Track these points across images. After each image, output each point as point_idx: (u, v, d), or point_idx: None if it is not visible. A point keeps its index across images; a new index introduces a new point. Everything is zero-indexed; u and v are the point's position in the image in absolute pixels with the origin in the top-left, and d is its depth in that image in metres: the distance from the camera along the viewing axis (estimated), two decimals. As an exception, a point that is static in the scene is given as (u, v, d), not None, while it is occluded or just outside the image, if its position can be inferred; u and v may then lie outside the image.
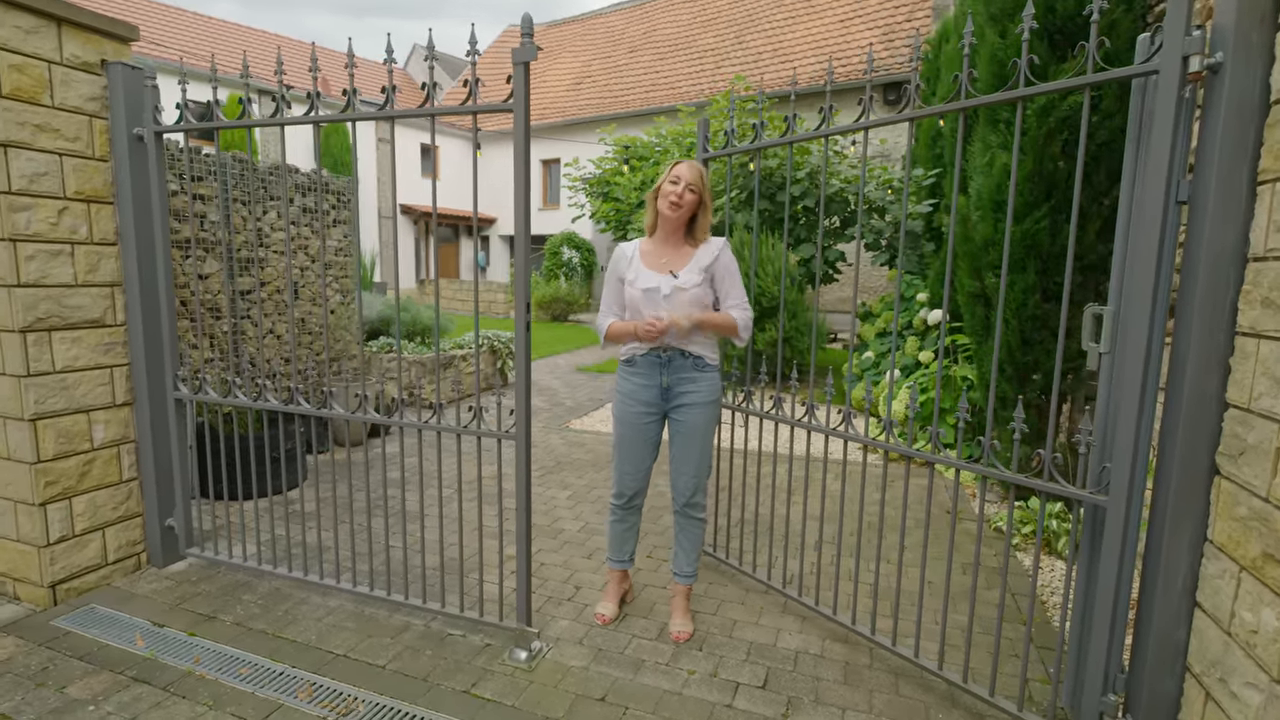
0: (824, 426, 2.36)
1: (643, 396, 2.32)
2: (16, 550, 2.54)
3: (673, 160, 2.29)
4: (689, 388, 2.30)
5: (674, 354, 2.28)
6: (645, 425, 2.35)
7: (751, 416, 2.66)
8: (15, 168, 2.33)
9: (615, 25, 20.33)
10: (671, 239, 2.33)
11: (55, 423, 2.48)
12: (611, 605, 2.54)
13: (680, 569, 2.47)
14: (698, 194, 2.26)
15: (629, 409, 2.35)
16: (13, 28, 2.29)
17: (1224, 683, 1.43)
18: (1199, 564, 1.57)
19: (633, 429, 2.35)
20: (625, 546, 2.52)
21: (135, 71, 2.58)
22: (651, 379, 2.31)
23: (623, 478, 2.42)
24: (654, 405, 2.33)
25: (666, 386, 2.31)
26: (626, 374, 2.36)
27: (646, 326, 2.18)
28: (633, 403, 2.34)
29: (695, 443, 2.32)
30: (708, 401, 2.31)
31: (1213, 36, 1.49)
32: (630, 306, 2.31)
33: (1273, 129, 1.39)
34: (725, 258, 2.31)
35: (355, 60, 2.16)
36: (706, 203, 2.30)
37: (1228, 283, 1.49)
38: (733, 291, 2.31)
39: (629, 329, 2.25)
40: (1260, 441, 1.36)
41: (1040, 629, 2.48)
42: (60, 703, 2.00)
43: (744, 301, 2.33)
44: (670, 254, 2.32)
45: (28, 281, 2.38)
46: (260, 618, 2.49)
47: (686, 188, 2.24)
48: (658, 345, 2.27)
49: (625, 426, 2.36)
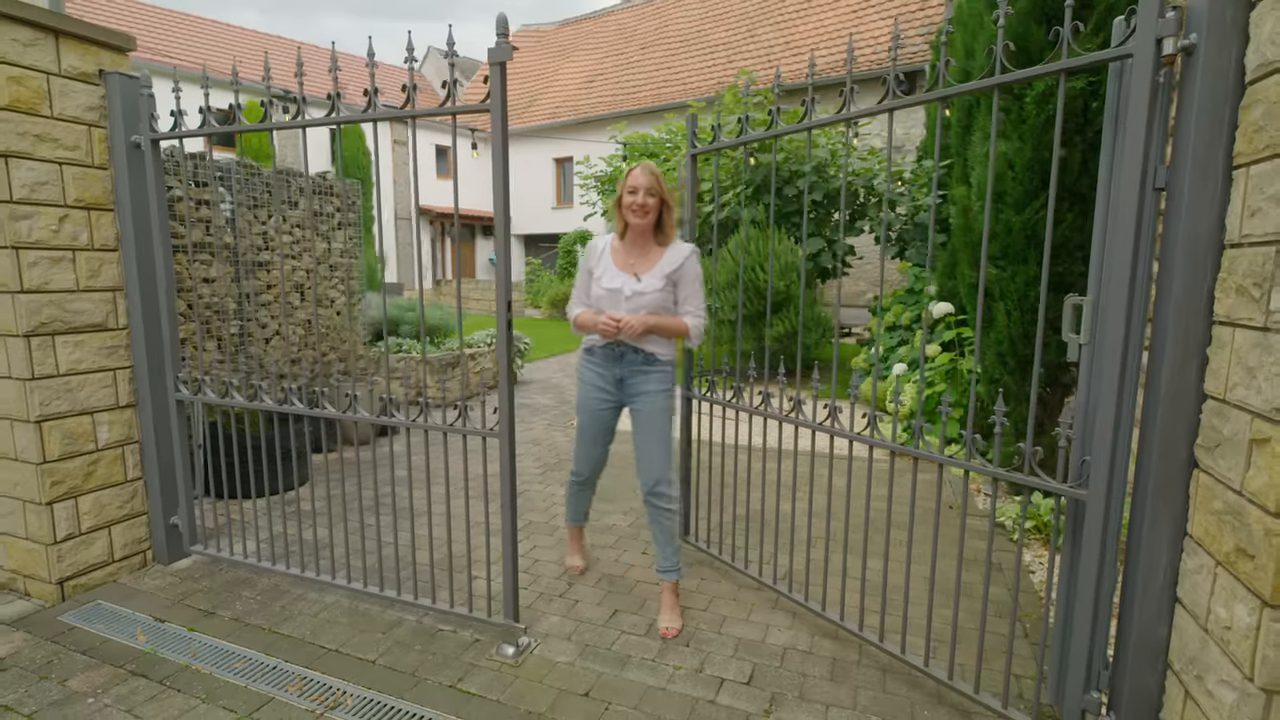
0: (810, 421, 2.34)
1: (599, 384, 2.51)
2: (25, 548, 2.62)
3: (630, 169, 2.43)
4: (640, 380, 2.46)
5: (627, 350, 2.44)
6: (602, 412, 2.54)
7: (741, 412, 2.65)
8: (16, 177, 2.40)
9: (627, 22, 20.31)
10: (640, 240, 2.46)
11: (60, 424, 2.56)
12: (579, 558, 2.90)
13: (661, 565, 2.51)
14: (657, 196, 2.38)
15: (589, 396, 2.54)
16: (11, 41, 2.35)
17: (1200, 680, 1.40)
18: (1179, 559, 1.54)
19: (591, 416, 2.56)
20: (581, 509, 2.84)
21: (132, 80, 2.64)
22: (607, 370, 2.48)
23: (580, 460, 2.67)
24: (609, 394, 2.51)
25: (620, 378, 2.48)
26: (587, 363, 2.55)
27: (604, 324, 2.32)
28: (591, 389, 2.53)
29: (652, 431, 2.44)
30: (659, 391, 2.45)
31: (1188, 17, 1.45)
32: (594, 302, 2.45)
33: (1247, 111, 1.35)
34: (690, 265, 2.43)
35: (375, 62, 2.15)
36: (669, 202, 2.43)
37: (1205, 270, 1.45)
38: (692, 299, 2.45)
39: (592, 322, 2.40)
40: (1235, 434, 1.33)
41: (1036, 625, 2.44)
42: (61, 695, 2.06)
43: (701, 310, 2.46)
44: (638, 255, 2.46)
45: (31, 287, 2.45)
46: (258, 613, 2.54)
47: (646, 193, 2.36)
48: (614, 340, 2.42)
49: (585, 414, 2.57)
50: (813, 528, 3.31)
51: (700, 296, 2.46)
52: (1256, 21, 1.33)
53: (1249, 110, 1.34)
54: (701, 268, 2.48)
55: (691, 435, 2.99)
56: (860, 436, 2.16)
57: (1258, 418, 1.26)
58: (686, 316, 2.44)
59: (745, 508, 2.66)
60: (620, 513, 3.57)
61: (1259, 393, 1.25)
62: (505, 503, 2.25)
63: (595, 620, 2.51)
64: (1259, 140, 1.30)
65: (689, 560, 2.98)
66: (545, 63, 21.14)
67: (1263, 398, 1.24)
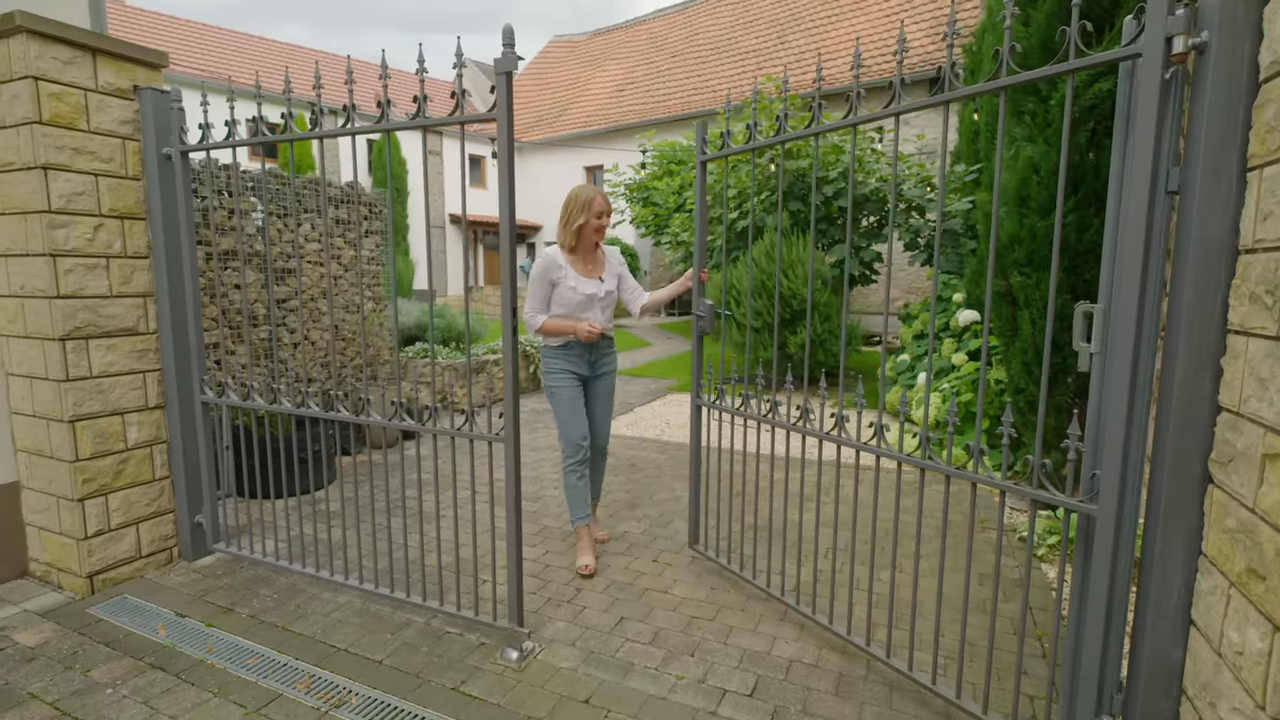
0: (818, 430, 2.31)
1: (575, 371, 2.97)
2: (59, 542, 2.74)
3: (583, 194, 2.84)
4: (605, 360, 3.06)
5: (602, 340, 3.00)
6: (578, 389, 2.98)
7: (750, 421, 2.63)
8: (55, 188, 2.52)
9: (658, 31, 20.40)
10: (590, 250, 2.95)
11: (92, 424, 2.67)
12: (589, 556, 2.97)
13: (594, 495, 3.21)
14: (608, 214, 2.91)
15: (566, 383, 2.94)
16: (51, 59, 2.48)
17: (1214, 707, 1.33)
18: (1194, 578, 1.47)
19: (574, 393, 2.96)
20: (583, 498, 3.00)
21: (164, 95, 2.76)
22: (583, 358, 2.97)
23: (576, 434, 2.94)
24: (581, 377, 2.99)
25: (592, 361, 3.01)
26: (562, 355, 2.94)
27: (589, 330, 2.79)
28: (568, 377, 2.95)
29: (609, 399, 3.11)
30: (615, 368, 3.13)
31: (1200, 15, 1.39)
32: (566, 306, 2.87)
33: (1261, 110, 1.29)
34: (620, 261, 3.08)
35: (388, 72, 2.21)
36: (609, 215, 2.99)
37: (1219, 277, 1.39)
38: (632, 285, 3.10)
39: (568, 327, 2.83)
40: (1248, 448, 1.26)
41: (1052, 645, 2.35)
42: (83, 685, 2.15)
43: (639, 287, 3.11)
44: (593, 262, 2.98)
45: (66, 293, 2.57)
46: (273, 611, 2.61)
47: (605, 215, 2.87)
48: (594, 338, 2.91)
49: (568, 393, 2.94)
50: (823, 539, 3.26)
51: (633, 279, 3.11)
52: (1270, 18, 1.27)
53: (1263, 110, 1.29)
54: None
55: (702, 442, 2.96)
56: (867, 446, 2.12)
57: (1270, 431, 1.19)
58: (641, 298, 3.07)
59: (755, 517, 2.62)
60: (635, 519, 3.56)
61: (1271, 405, 1.19)
62: (509, 507, 2.27)
63: (601, 627, 2.51)
64: (1272, 141, 1.24)
65: (700, 570, 2.96)
66: (577, 73, 21.36)
67: (1275, 410, 1.18)
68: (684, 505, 3.74)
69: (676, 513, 3.64)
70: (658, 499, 3.88)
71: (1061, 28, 1.60)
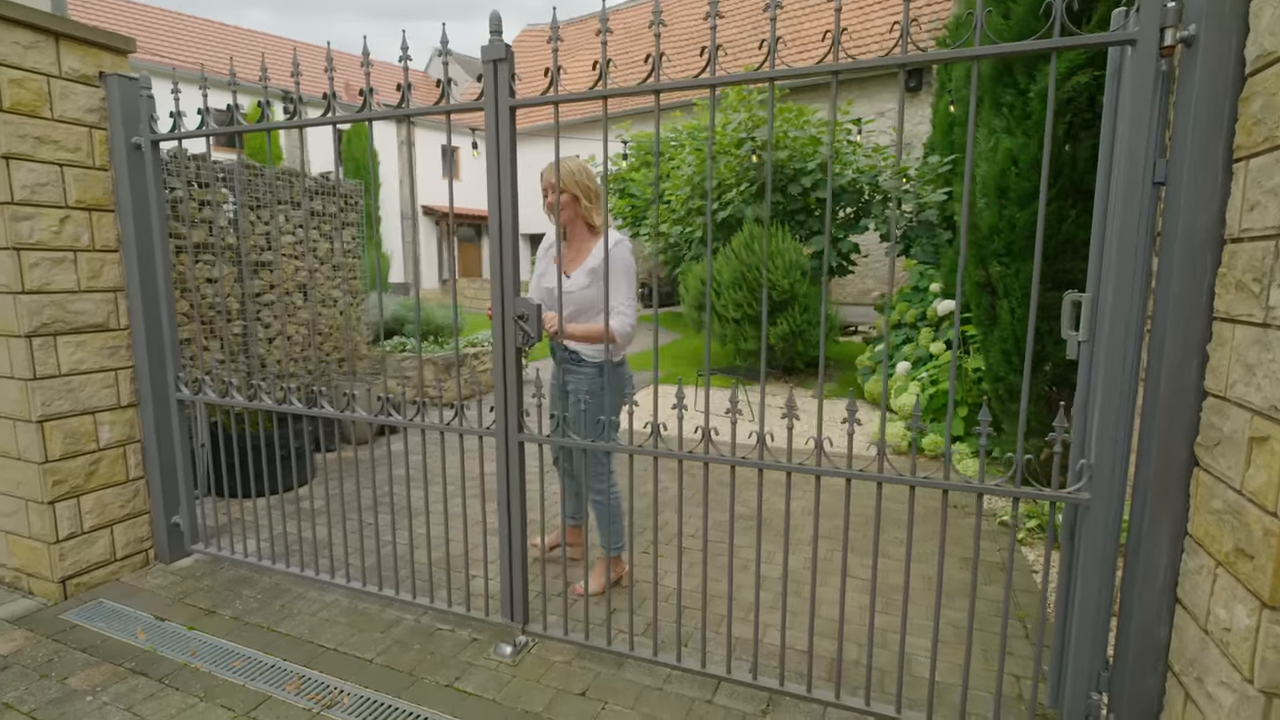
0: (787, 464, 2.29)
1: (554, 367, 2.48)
2: (29, 547, 2.64)
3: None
4: (570, 376, 2.50)
5: (558, 346, 2.35)
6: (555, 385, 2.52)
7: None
8: (17, 179, 2.41)
9: (631, 21, 20.28)
10: (575, 237, 2.50)
11: (62, 424, 2.57)
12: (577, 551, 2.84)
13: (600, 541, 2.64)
14: (566, 191, 2.35)
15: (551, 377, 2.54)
16: (11, 44, 2.37)
17: (1201, 682, 1.38)
18: (1180, 559, 1.51)
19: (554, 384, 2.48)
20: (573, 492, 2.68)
21: (131, 82, 2.66)
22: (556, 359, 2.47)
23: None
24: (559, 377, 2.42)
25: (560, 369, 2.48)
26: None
27: (550, 321, 2.29)
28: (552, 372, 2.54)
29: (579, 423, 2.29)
30: (583, 391, 2.41)
31: (1186, 8, 1.42)
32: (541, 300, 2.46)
33: (1247, 103, 1.32)
34: (614, 257, 2.30)
35: (371, 60, 2.14)
36: (579, 194, 2.40)
37: (1205, 266, 1.42)
38: (615, 295, 2.30)
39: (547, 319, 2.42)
40: (1235, 431, 1.30)
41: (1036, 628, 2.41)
42: (60, 693, 2.08)
43: (624, 307, 2.33)
44: (576, 250, 2.51)
45: (32, 288, 2.47)
46: (258, 612, 2.55)
47: (549, 190, 2.37)
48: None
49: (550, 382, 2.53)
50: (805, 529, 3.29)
51: (624, 291, 2.31)
52: (1255, 11, 1.30)
53: (1248, 102, 1.32)
54: (633, 259, 2.36)
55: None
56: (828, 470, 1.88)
57: (1257, 415, 1.23)
58: (612, 317, 2.28)
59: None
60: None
61: (1258, 390, 1.23)
62: (502, 501, 2.25)
63: (593, 619, 2.50)
64: (1258, 133, 1.27)
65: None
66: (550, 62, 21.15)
67: (1262, 395, 1.22)
68: (665, 499, 3.74)
69: (664, 503, 3.65)
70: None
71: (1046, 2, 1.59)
